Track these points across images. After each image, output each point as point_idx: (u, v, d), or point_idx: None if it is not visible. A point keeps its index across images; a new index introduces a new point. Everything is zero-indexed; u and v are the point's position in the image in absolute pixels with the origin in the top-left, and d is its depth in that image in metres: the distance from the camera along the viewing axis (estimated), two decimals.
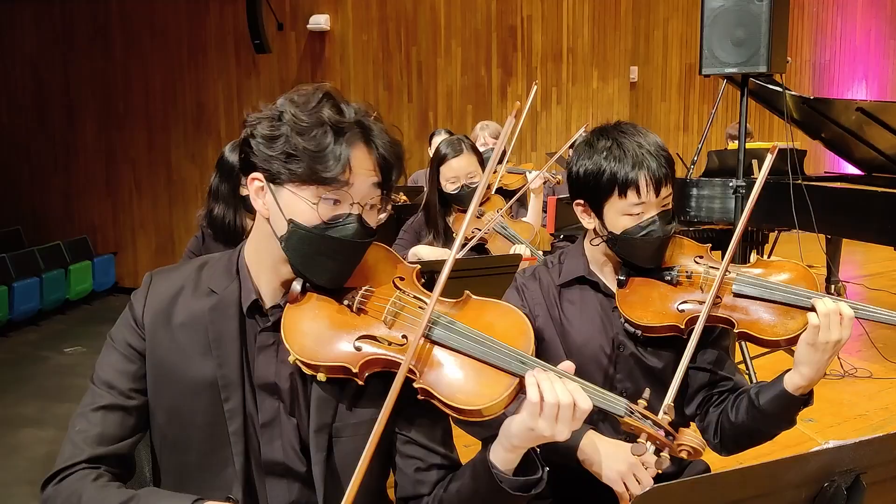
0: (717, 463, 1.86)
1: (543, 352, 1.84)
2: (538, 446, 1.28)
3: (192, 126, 7.68)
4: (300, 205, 1.28)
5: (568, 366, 1.30)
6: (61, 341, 6.52)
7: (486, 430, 1.39)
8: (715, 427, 1.81)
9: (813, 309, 1.62)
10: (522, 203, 3.79)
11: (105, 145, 8.02)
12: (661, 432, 1.34)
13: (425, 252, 3.09)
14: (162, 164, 7.85)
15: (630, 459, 1.65)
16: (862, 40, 11.50)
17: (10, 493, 3.82)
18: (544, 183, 4.03)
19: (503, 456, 1.27)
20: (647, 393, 1.37)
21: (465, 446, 1.85)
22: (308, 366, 1.29)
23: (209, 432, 1.35)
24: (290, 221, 1.29)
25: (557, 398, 1.21)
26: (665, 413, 1.38)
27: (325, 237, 1.28)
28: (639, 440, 1.34)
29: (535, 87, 4.75)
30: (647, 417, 1.34)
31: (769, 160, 1.71)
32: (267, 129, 1.28)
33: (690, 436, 1.35)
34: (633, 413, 1.33)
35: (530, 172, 3.90)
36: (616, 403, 1.32)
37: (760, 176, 1.71)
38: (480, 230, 3.11)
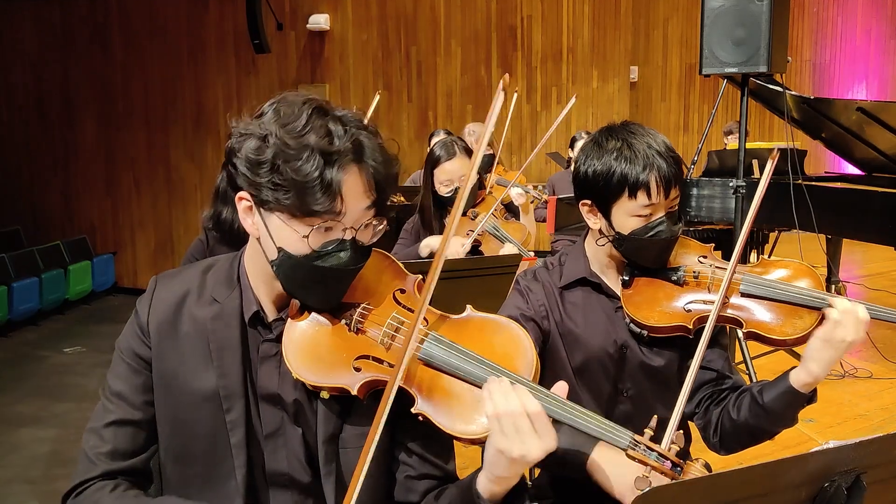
0: (718, 463, 1.86)
1: (548, 354, 1.83)
2: (546, 459, 1.20)
3: (191, 126, 7.68)
4: (290, 235, 1.24)
5: (562, 388, 1.25)
6: (60, 341, 6.52)
7: None
8: (715, 426, 1.80)
9: (830, 306, 1.63)
10: (515, 213, 3.79)
11: (105, 145, 8.02)
12: (668, 464, 1.26)
13: (437, 242, 3.07)
14: (161, 163, 7.85)
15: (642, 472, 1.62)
16: (862, 40, 11.50)
17: (9, 492, 3.82)
18: (532, 202, 4.05)
19: (488, 487, 1.22)
20: (653, 422, 1.31)
21: (466, 446, 1.85)
22: (310, 385, 1.29)
23: (212, 443, 1.33)
24: (280, 249, 1.25)
25: (507, 406, 1.16)
26: (673, 442, 1.30)
27: (316, 267, 1.25)
28: (643, 474, 1.27)
29: (516, 94, 4.85)
30: (652, 450, 1.26)
31: (770, 166, 1.71)
32: (252, 152, 1.22)
33: (698, 470, 1.29)
34: (637, 445, 1.26)
35: (515, 187, 3.93)
36: (619, 435, 1.25)
37: (762, 181, 1.70)
38: (473, 231, 3.11)
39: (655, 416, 1.35)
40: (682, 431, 1.34)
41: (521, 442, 1.16)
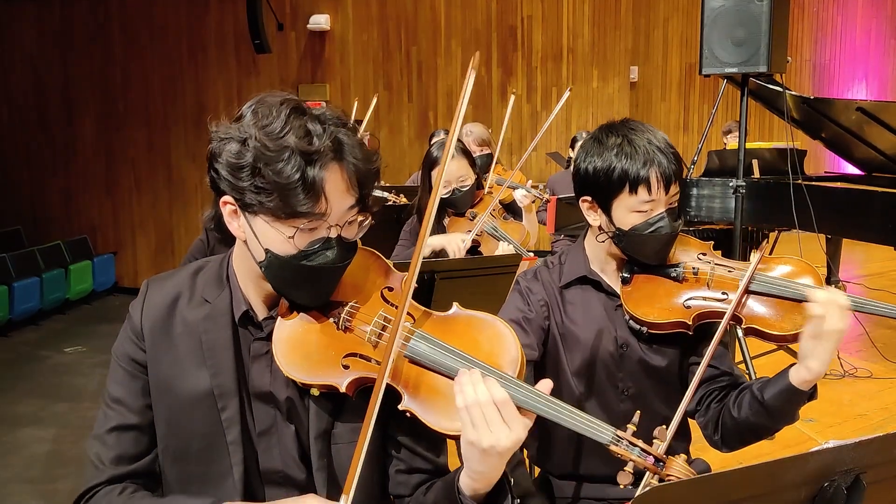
0: (718, 462, 1.86)
1: (548, 353, 1.84)
2: None
3: (191, 126, 7.68)
4: (276, 237, 1.25)
5: (546, 385, 1.25)
6: (61, 341, 6.53)
7: None
8: (716, 423, 1.80)
9: (808, 300, 1.61)
10: (516, 213, 3.78)
11: (105, 145, 8.02)
12: (650, 460, 1.27)
13: (437, 241, 3.06)
14: (162, 163, 7.85)
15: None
16: (862, 40, 11.50)
17: (9, 492, 3.82)
18: (532, 202, 4.05)
19: (470, 485, 1.23)
20: (636, 417, 1.32)
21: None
22: (300, 383, 1.30)
23: (209, 442, 1.35)
24: (268, 251, 1.26)
25: (476, 396, 1.17)
26: (655, 437, 1.31)
27: (303, 266, 1.26)
28: (625, 469, 1.28)
29: (513, 96, 4.85)
30: (634, 445, 1.27)
31: (756, 259, 1.72)
32: (233, 157, 1.22)
33: (680, 465, 1.29)
34: (619, 441, 1.26)
35: (519, 188, 3.93)
36: (601, 431, 1.26)
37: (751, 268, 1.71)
38: (471, 231, 3.10)
39: (638, 412, 1.36)
40: (665, 427, 1.34)
41: (489, 432, 1.16)
